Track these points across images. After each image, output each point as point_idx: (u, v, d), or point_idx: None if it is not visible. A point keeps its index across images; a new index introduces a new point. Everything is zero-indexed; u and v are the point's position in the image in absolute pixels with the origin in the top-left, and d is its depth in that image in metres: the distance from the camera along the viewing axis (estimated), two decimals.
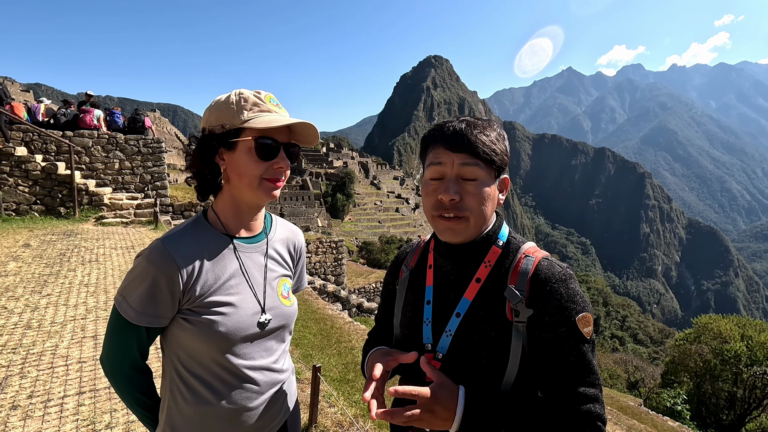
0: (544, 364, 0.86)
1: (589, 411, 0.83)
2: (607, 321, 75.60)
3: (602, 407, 0.85)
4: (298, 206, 60.93)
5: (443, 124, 0.93)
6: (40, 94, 22.40)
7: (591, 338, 0.86)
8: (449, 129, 0.90)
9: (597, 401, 0.84)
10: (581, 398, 0.83)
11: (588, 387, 0.84)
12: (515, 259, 0.92)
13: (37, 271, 5.73)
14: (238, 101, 0.97)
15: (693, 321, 22.99)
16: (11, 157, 9.31)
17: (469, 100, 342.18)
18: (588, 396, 0.84)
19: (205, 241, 1.01)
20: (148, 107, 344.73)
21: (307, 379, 4.06)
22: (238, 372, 1.00)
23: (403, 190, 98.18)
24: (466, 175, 0.89)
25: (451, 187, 0.88)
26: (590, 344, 0.86)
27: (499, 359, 0.87)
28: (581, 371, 0.84)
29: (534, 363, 0.87)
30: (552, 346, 0.85)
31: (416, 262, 1.10)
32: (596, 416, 0.83)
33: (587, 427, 0.82)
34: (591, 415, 0.83)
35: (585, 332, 0.85)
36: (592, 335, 0.86)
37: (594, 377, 0.86)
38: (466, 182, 0.89)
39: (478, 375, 0.88)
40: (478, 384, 0.88)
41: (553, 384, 0.85)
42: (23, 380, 3.13)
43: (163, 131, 56.38)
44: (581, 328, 0.85)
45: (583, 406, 0.83)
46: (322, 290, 13.20)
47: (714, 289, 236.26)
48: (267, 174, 0.99)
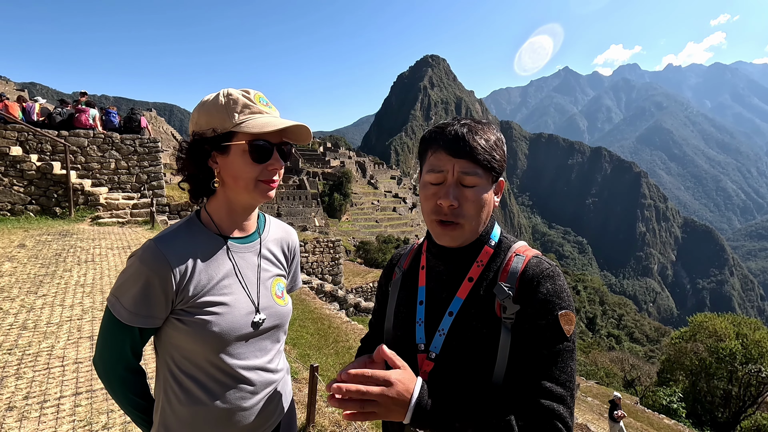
0: (521, 356, 0.85)
1: (551, 409, 0.79)
2: (604, 320, 75.90)
3: (568, 411, 0.80)
4: (295, 206, 60.82)
5: (444, 126, 0.93)
6: (35, 93, 22.29)
7: (571, 337, 0.85)
8: (451, 132, 0.90)
9: (563, 403, 0.80)
10: (545, 393, 0.80)
11: (556, 385, 0.81)
12: (506, 258, 0.93)
13: (32, 272, 5.69)
14: (227, 103, 0.95)
15: (688, 319, 23.14)
16: (6, 156, 9.25)
17: (466, 99, 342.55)
18: (554, 393, 0.81)
19: (198, 241, 1.00)
20: (144, 107, 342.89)
21: (304, 379, 4.06)
22: (233, 372, 1.00)
23: (400, 190, 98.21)
24: (465, 182, 0.89)
25: (451, 193, 0.88)
26: (569, 343, 0.85)
27: (489, 356, 0.87)
28: (552, 366, 0.82)
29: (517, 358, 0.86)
30: (530, 337, 0.85)
31: (409, 263, 1.11)
32: (557, 416, 0.79)
33: (544, 425, 0.78)
34: (552, 414, 0.79)
35: (565, 329, 0.84)
36: (572, 335, 0.85)
37: (565, 377, 0.83)
38: (466, 188, 0.89)
39: (470, 372, 0.88)
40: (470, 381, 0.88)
41: (522, 375, 0.84)
42: (19, 381, 3.11)
43: (159, 131, 56.16)
44: (562, 325, 0.84)
45: (544, 401, 0.80)
46: (320, 290, 13.19)
47: (709, 287, 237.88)
48: (262, 176, 0.99)
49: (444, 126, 0.93)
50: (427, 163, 0.94)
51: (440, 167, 0.90)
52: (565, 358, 0.84)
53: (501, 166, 0.93)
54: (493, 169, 0.91)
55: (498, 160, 0.91)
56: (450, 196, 0.88)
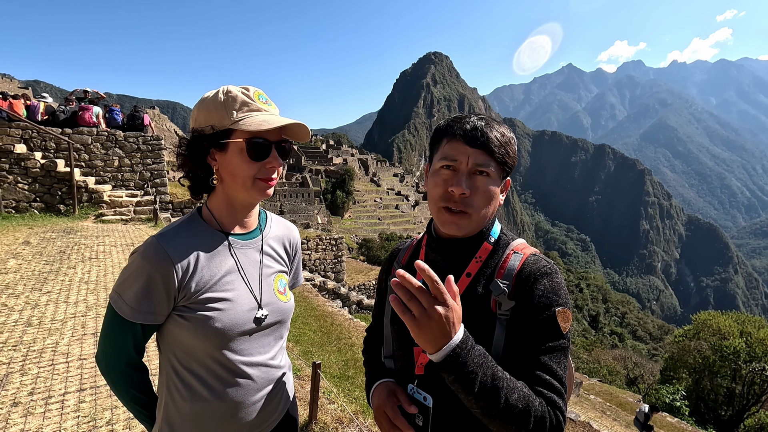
0: (517, 351, 0.86)
1: (551, 399, 0.81)
2: (607, 317, 75.76)
3: (564, 403, 0.83)
4: (298, 203, 60.89)
5: (461, 117, 0.95)
6: (38, 91, 22.25)
7: (567, 335, 0.86)
8: (468, 123, 0.92)
9: (561, 397, 0.83)
10: (544, 384, 0.82)
11: (553, 378, 0.83)
12: (504, 255, 0.94)
13: (37, 269, 5.73)
14: (226, 101, 0.95)
15: (692, 317, 23.07)
16: (10, 154, 9.30)
17: (469, 96, 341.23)
18: (552, 386, 0.82)
19: (200, 237, 1.01)
20: (147, 104, 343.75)
21: (307, 376, 4.08)
22: (235, 368, 1.00)
23: (402, 187, 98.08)
24: (478, 172, 0.91)
25: (464, 181, 0.89)
26: (565, 340, 0.86)
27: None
28: (549, 361, 0.84)
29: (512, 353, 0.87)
30: (527, 333, 0.86)
31: (408, 258, 1.12)
32: (557, 407, 0.81)
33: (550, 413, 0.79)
34: (553, 404, 0.81)
35: (562, 326, 0.86)
36: (568, 332, 0.87)
37: (561, 372, 0.84)
38: (477, 179, 0.91)
39: None
40: None
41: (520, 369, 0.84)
42: (24, 377, 3.13)
43: (162, 128, 56.29)
44: (559, 321, 0.86)
45: (544, 391, 0.81)
46: (322, 287, 13.22)
47: (713, 285, 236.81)
48: (260, 174, 0.99)
49: (461, 117, 0.95)
50: (441, 152, 0.95)
51: (455, 156, 0.91)
52: (560, 354, 0.86)
53: (512, 162, 0.95)
54: (505, 164, 0.93)
55: (511, 157, 0.94)
56: (463, 184, 0.89)
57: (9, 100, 10.17)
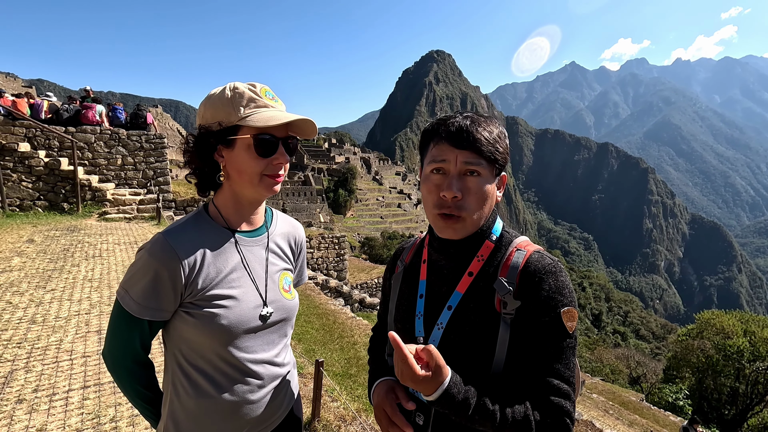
0: (524, 353, 0.86)
1: (560, 406, 0.82)
2: (609, 316, 75.58)
3: (573, 406, 0.84)
4: (301, 202, 60.98)
5: (446, 118, 0.93)
6: (42, 90, 22.35)
7: (573, 334, 0.86)
8: (453, 125, 0.90)
9: (568, 399, 0.83)
10: (553, 390, 0.83)
11: (562, 381, 0.84)
12: (507, 253, 0.93)
13: (41, 267, 5.76)
14: (233, 97, 0.95)
15: (695, 316, 22.98)
16: (15, 153, 9.34)
17: (472, 95, 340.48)
18: (561, 390, 0.83)
19: (206, 234, 1.01)
20: (150, 103, 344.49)
21: (310, 374, 4.08)
22: (240, 365, 1.00)
23: (405, 186, 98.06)
24: (468, 173, 0.89)
25: (454, 184, 0.88)
26: (572, 339, 0.86)
27: (487, 351, 0.87)
28: (557, 363, 0.84)
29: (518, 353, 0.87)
30: (533, 334, 0.85)
31: (411, 257, 1.12)
32: (566, 413, 0.82)
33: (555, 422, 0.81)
34: (561, 410, 0.82)
35: (568, 326, 0.85)
36: (574, 331, 0.86)
37: (569, 374, 0.85)
38: (468, 180, 0.89)
39: (468, 366, 0.89)
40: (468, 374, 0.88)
41: (528, 373, 0.85)
42: (28, 374, 3.15)
43: (165, 127, 56.42)
44: (565, 321, 0.85)
45: (553, 398, 0.82)
46: (325, 286, 13.24)
47: (717, 284, 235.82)
48: (267, 170, 0.98)
49: (446, 118, 0.93)
50: (429, 155, 0.93)
51: (443, 158, 0.90)
52: (568, 354, 0.85)
53: (504, 158, 0.93)
54: (496, 161, 0.91)
55: (501, 153, 0.91)
56: (453, 187, 0.88)
57: (13, 99, 10.22)
